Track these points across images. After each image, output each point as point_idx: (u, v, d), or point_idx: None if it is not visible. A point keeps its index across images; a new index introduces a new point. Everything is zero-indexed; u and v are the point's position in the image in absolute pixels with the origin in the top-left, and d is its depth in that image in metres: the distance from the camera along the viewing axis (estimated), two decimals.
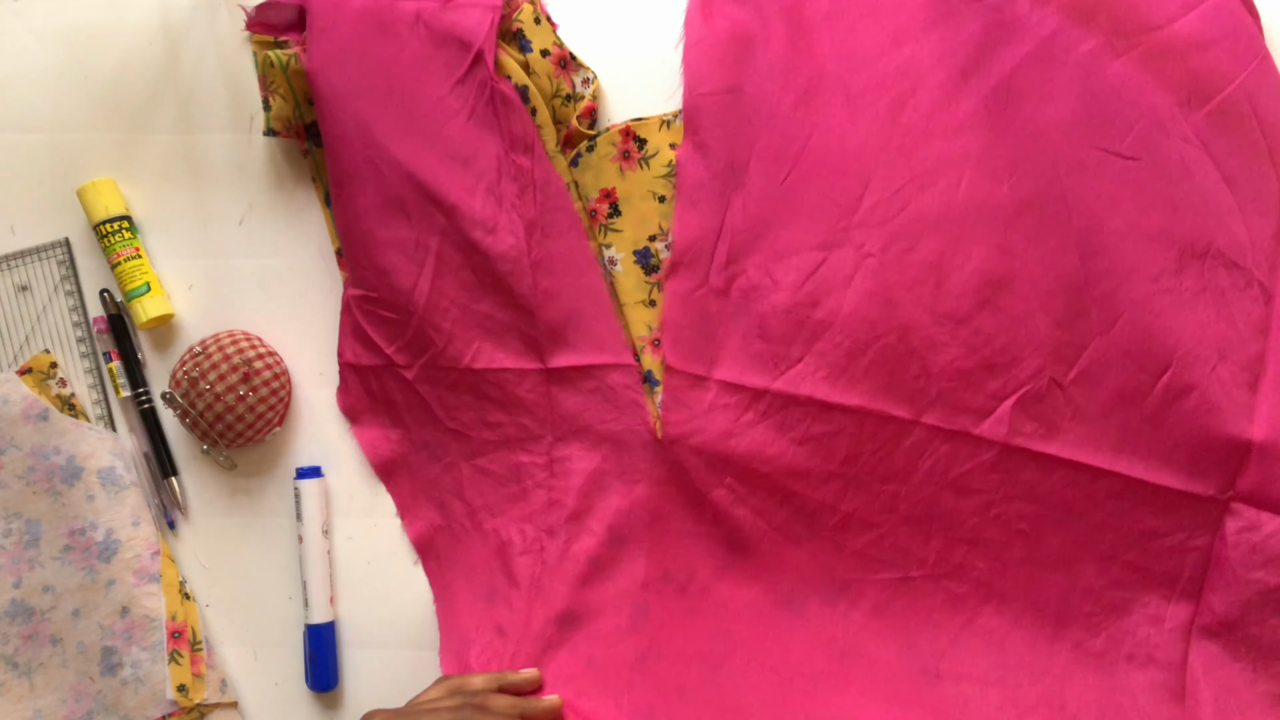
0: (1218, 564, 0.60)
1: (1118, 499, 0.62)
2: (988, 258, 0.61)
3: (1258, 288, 0.60)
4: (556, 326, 0.66)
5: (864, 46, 0.63)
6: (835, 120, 0.63)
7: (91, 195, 0.69)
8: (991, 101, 0.61)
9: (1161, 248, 0.60)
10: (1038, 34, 0.61)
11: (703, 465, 0.65)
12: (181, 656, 0.67)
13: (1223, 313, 0.60)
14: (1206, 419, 0.60)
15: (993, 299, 0.61)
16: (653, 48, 0.67)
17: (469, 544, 0.68)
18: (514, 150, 0.65)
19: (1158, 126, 0.60)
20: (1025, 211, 0.61)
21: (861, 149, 0.63)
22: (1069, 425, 0.62)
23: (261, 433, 0.67)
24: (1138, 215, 0.60)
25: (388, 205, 0.66)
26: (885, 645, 0.65)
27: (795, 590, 0.66)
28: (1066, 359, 0.61)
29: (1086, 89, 0.60)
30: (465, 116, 0.65)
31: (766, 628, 0.65)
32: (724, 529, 0.66)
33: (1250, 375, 0.60)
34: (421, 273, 0.66)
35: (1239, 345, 0.60)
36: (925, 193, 0.62)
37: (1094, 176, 0.61)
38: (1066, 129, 0.61)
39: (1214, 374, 0.60)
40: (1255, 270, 0.60)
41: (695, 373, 0.65)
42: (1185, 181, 0.60)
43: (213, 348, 0.67)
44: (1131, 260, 0.60)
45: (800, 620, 0.65)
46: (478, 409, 0.67)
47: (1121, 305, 0.60)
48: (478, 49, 0.64)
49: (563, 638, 0.66)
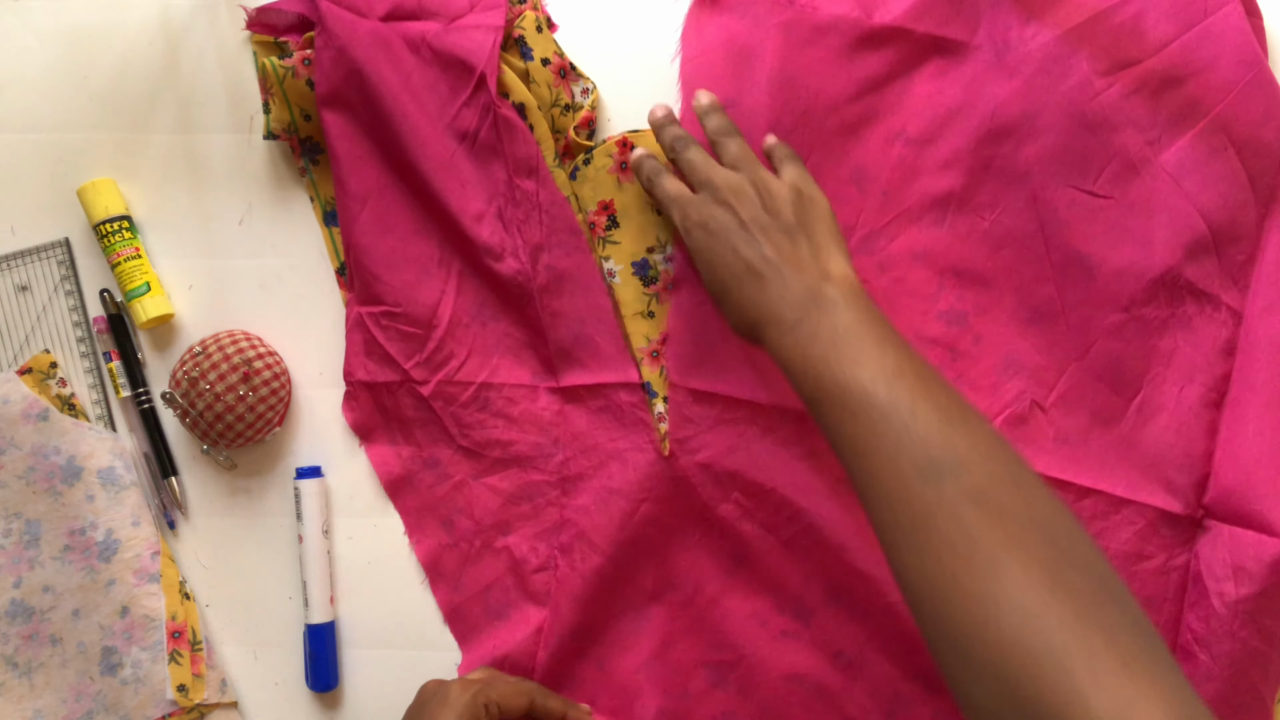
0: (1194, 580, 0.62)
1: (1103, 520, 0.64)
2: (970, 287, 0.65)
3: (1225, 311, 0.63)
4: (566, 346, 0.66)
5: (859, 75, 0.64)
6: (831, 146, 0.64)
7: (91, 195, 0.69)
8: (977, 140, 0.64)
9: (1132, 280, 0.63)
10: (1025, 70, 0.63)
11: (709, 480, 0.65)
12: (181, 656, 0.67)
13: (1189, 338, 0.63)
14: (1175, 437, 0.63)
15: (974, 326, 0.65)
16: (651, 57, 0.67)
17: (480, 563, 0.68)
18: (518, 174, 0.65)
19: (1129, 168, 0.62)
20: (1005, 245, 0.64)
21: (854, 177, 0.65)
22: (1052, 447, 0.64)
23: (261, 433, 0.67)
24: (1109, 250, 0.63)
25: (409, 223, 0.67)
26: (890, 659, 0.65)
27: (801, 601, 0.66)
28: (1046, 383, 0.64)
29: (1067, 129, 0.62)
30: (471, 142, 0.65)
31: (772, 637, 0.66)
32: (731, 542, 0.66)
33: (1217, 394, 0.63)
34: (445, 289, 0.67)
35: (1205, 367, 0.63)
36: (913, 226, 0.65)
37: (1069, 213, 0.63)
38: (1045, 167, 0.63)
39: (1181, 395, 0.63)
40: (1223, 294, 0.63)
41: (699, 388, 0.65)
42: (1156, 218, 0.63)
43: (212, 347, 0.67)
44: (1104, 291, 0.63)
45: (807, 631, 0.66)
46: (491, 426, 0.67)
47: (1094, 333, 0.64)
48: (480, 72, 0.64)
49: (580, 650, 0.67)
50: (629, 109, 0.68)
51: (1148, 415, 0.64)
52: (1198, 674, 0.60)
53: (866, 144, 0.65)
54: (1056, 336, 0.64)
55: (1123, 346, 0.64)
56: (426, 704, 0.60)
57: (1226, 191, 0.62)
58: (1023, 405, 0.64)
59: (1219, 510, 0.62)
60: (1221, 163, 0.62)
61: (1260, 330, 0.62)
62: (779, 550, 0.65)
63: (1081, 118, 0.62)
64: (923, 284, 0.65)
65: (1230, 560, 0.60)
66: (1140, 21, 0.62)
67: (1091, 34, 0.62)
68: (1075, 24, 0.62)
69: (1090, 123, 0.62)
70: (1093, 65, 0.62)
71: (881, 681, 0.65)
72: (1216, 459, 0.63)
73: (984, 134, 0.64)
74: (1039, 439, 0.64)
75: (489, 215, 0.65)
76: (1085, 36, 0.62)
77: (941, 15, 0.64)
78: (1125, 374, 0.64)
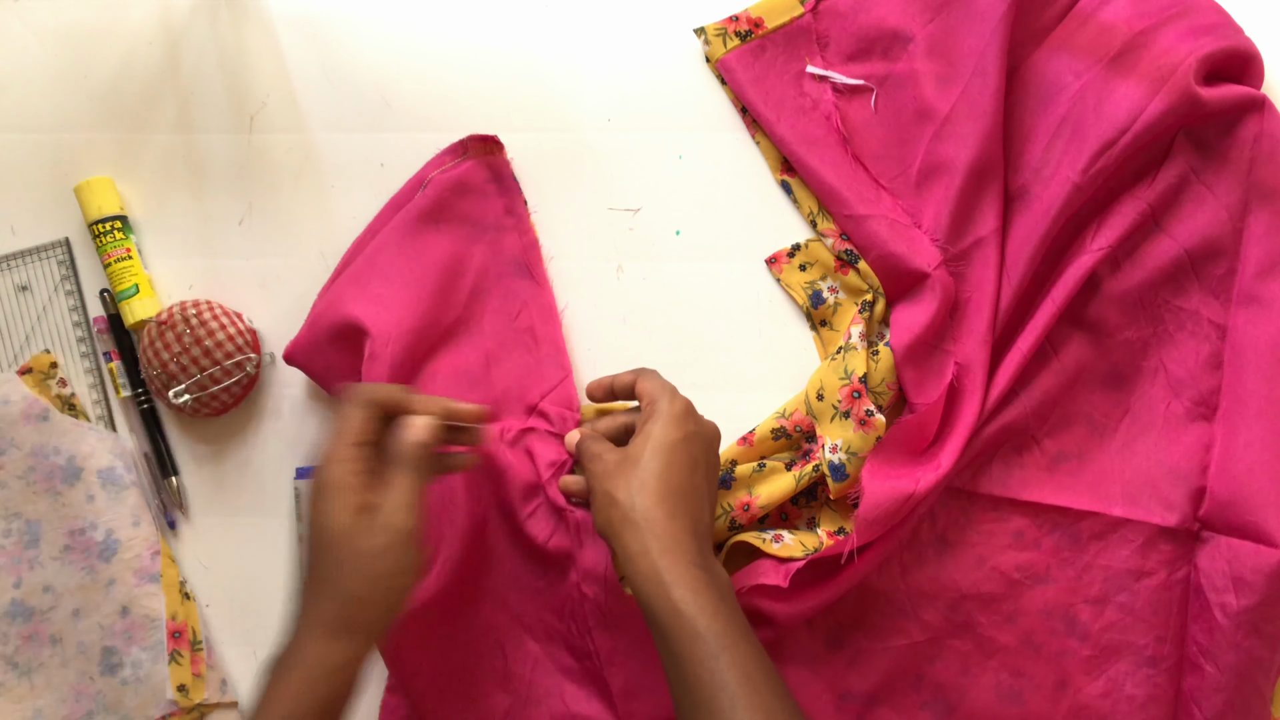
0: (1195, 593, 0.63)
1: (1101, 540, 0.65)
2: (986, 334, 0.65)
3: (1207, 325, 0.64)
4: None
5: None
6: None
7: (87, 194, 0.69)
8: (1010, 201, 0.66)
9: (1118, 311, 0.65)
10: (1046, 133, 0.65)
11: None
12: (181, 656, 0.67)
13: (1173, 355, 0.65)
14: (1167, 453, 0.64)
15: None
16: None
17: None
18: (585, 581, 0.64)
19: (1118, 215, 0.64)
20: (1017, 303, 0.65)
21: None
22: (1045, 475, 0.65)
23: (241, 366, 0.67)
24: (1101, 291, 0.65)
25: (475, 658, 0.67)
26: (895, 709, 0.66)
27: (803, 650, 0.66)
28: (1040, 415, 0.65)
29: (1067, 201, 0.63)
30: (542, 564, 0.66)
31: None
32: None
33: (1206, 408, 0.64)
34: (513, 701, 0.66)
35: (1190, 382, 0.65)
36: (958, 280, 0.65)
37: (1066, 267, 0.64)
38: (1047, 229, 0.63)
39: (1169, 410, 0.65)
40: (1203, 309, 0.64)
41: None
42: (1144, 265, 0.64)
43: (152, 331, 0.67)
44: (1094, 324, 0.65)
45: (810, 677, 0.66)
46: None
47: (1084, 359, 0.65)
48: (547, 493, 0.64)
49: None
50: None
51: (1137, 433, 0.65)
52: (1205, 686, 0.61)
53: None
54: (1045, 367, 0.65)
55: (1108, 369, 0.65)
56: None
57: (1206, 228, 0.64)
58: (1019, 436, 0.65)
59: (1216, 522, 0.62)
60: (1209, 201, 0.64)
61: (1246, 341, 0.63)
62: (785, 612, 0.64)
63: (1086, 184, 0.63)
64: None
65: (1229, 572, 0.60)
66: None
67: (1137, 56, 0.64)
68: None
69: (1090, 182, 0.63)
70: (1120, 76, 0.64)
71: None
72: (1210, 471, 0.63)
73: (1015, 197, 0.65)
74: (1031, 467, 0.65)
75: (557, 644, 0.67)
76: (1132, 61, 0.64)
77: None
78: (1114, 395, 0.65)
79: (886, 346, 0.64)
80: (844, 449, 0.63)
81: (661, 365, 0.63)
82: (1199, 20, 0.64)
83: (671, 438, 0.57)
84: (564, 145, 0.70)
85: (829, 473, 0.62)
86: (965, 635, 0.65)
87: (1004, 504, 0.65)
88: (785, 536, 0.64)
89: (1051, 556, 0.65)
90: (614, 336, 0.69)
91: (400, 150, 0.70)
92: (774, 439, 0.66)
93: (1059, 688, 0.64)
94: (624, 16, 0.71)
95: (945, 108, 0.65)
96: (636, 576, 0.53)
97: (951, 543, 0.65)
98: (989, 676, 0.65)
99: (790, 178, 0.69)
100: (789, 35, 0.69)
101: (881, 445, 0.62)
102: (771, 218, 0.69)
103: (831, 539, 0.63)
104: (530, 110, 0.70)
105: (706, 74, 0.70)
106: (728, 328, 0.69)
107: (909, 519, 0.63)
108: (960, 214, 0.64)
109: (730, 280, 0.69)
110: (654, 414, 0.58)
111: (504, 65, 0.71)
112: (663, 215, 0.70)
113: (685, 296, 0.69)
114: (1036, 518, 0.65)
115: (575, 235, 0.70)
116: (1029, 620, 0.65)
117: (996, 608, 0.65)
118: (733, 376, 0.68)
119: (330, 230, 0.70)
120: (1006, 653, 0.65)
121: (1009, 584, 0.65)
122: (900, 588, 0.65)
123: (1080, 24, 0.66)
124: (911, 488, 0.60)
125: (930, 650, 0.65)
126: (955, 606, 0.65)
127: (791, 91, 0.69)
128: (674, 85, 0.70)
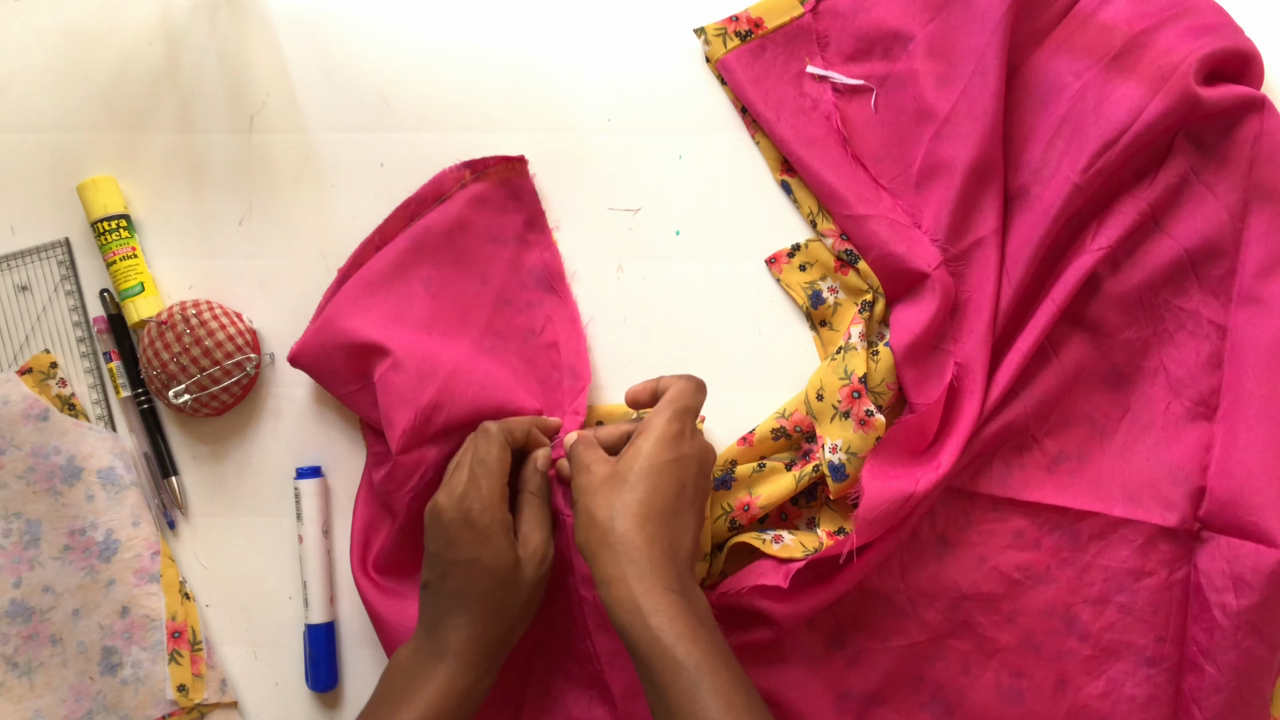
0: (1195, 592, 0.63)
1: (1101, 539, 0.65)
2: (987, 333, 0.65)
3: (1207, 325, 0.64)
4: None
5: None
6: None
7: (90, 192, 0.69)
8: (1010, 201, 0.66)
9: (1118, 311, 0.65)
10: (1044, 137, 0.65)
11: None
12: (181, 656, 0.67)
13: (1173, 355, 0.65)
14: (1167, 453, 0.64)
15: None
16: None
17: None
18: (582, 585, 0.64)
19: (1118, 215, 0.64)
20: (1018, 303, 0.65)
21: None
22: (1046, 475, 0.65)
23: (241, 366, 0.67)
24: (1101, 291, 0.65)
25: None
26: (895, 709, 0.65)
27: (803, 650, 0.66)
28: (1040, 415, 0.65)
29: (1067, 201, 0.63)
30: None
31: (776, 684, 0.65)
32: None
33: (1206, 408, 0.64)
34: (514, 712, 0.67)
35: (1190, 382, 0.65)
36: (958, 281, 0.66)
37: (1066, 267, 0.64)
38: (1048, 229, 0.63)
39: (1169, 410, 0.65)
40: (1203, 309, 0.65)
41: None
42: (1144, 265, 0.65)
43: (152, 333, 0.67)
44: (1094, 324, 0.65)
45: (810, 676, 0.66)
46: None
47: (1084, 359, 0.65)
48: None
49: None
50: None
51: (1137, 433, 0.65)
52: (1205, 686, 0.61)
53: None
54: (1045, 367, 0.65)
55: (1108, 369, 0.65)
56: (473, 439, 0.62)
57: (1208, 229, 0.63)
58: (1020, 437, 0.65)
59: (1215, 522, 0.62)
60: (1210, 205, 0.64)
61: (1246, 341, 0.63)
62: (788, 615, 0.64)
63: (1085, 186, 0.63)
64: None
65: (1229, 571, 0.60)
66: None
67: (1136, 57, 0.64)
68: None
69: (1089, 184, 0.63)
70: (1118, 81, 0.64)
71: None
72: (1210, 471, 0.63)
73: (1014, 198, 0.65)
74: (1031, 467, 0.65)
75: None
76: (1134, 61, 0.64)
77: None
78: (1112, 396, 0.65)
79: (886, 346, 0.64)
80: (844, 449, 0.63)
81: (661, 365, 0.63)
82: (1199, 20, 0.64)
83: (662, 458, 0.57)
84: (564, 145, 0.70)
85: (829, 473, 0.62)
86: (965, 635, 0.65)
87: (1004, 504, 0.65)
88: (785, 537, 0.64)
89: (1051, 556, 0.65)
90: (614, 336, 0.69)
91: (400, 150, 0.70)
92: (774, 439, 0.66)
93: (1059, 688, 0.64)
94: (624, 17, 0.71)
95: (945, 108, 0.65)
96: (613, 604, 0.53)
97: (951, 543, 0.65)
98: (989, 676, 0.65)
99: (790, 178, 0.69)
100: (789, 35, 0.69)
101: (881, 445, 0.62)
102: (771, 218, 0.69)
103: (831, 539, 0.63)
104: (530, 110, 0.70)
105: (706, 74, 0.70)
106: (728, 328, 0.69)
107: (909, 519, 0.63)
108: (960, 214, 0.64)
109: (730, 280, 0.69)
110: (648, 430, 0.58)
111: (504, 65, 0.71)
112: (663, 215, 0.70)
113: (685, 296, 0.69)
114: (1036, 518, 0.65)
115: (575, 235, 0.70)
116: (1029, 620, 0.65)
117: (996, 608, 0.65)
118: (733, 376, 0.68)
119: (330, 230, 0.70)
120: (1006, 653, 0.65)
121: (1009, 584, 0.65)
122: (900, 588, 0.65)
123: (1080, 24, 0.66)
124: (911, 488, 0.60)
125: (930, 650, 0.65)
126: (955, 606, 0.65)
127: (791, 91, 0.69)
128: (674, 85, 0.70)
